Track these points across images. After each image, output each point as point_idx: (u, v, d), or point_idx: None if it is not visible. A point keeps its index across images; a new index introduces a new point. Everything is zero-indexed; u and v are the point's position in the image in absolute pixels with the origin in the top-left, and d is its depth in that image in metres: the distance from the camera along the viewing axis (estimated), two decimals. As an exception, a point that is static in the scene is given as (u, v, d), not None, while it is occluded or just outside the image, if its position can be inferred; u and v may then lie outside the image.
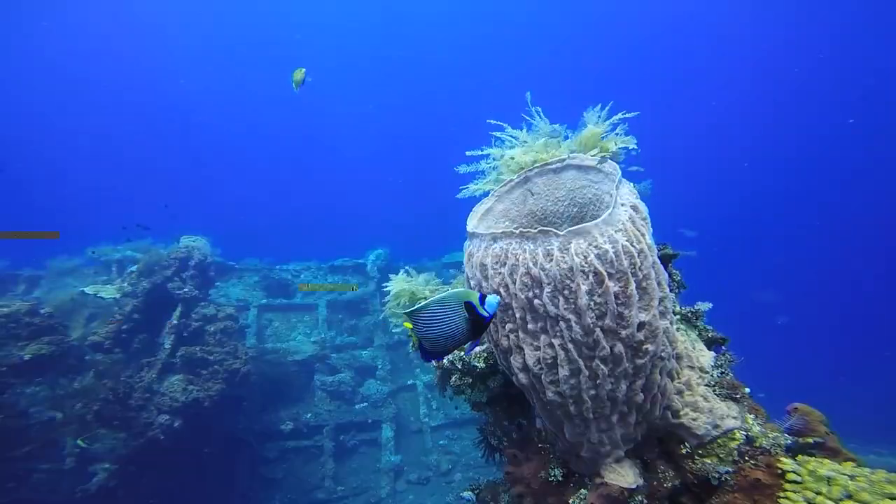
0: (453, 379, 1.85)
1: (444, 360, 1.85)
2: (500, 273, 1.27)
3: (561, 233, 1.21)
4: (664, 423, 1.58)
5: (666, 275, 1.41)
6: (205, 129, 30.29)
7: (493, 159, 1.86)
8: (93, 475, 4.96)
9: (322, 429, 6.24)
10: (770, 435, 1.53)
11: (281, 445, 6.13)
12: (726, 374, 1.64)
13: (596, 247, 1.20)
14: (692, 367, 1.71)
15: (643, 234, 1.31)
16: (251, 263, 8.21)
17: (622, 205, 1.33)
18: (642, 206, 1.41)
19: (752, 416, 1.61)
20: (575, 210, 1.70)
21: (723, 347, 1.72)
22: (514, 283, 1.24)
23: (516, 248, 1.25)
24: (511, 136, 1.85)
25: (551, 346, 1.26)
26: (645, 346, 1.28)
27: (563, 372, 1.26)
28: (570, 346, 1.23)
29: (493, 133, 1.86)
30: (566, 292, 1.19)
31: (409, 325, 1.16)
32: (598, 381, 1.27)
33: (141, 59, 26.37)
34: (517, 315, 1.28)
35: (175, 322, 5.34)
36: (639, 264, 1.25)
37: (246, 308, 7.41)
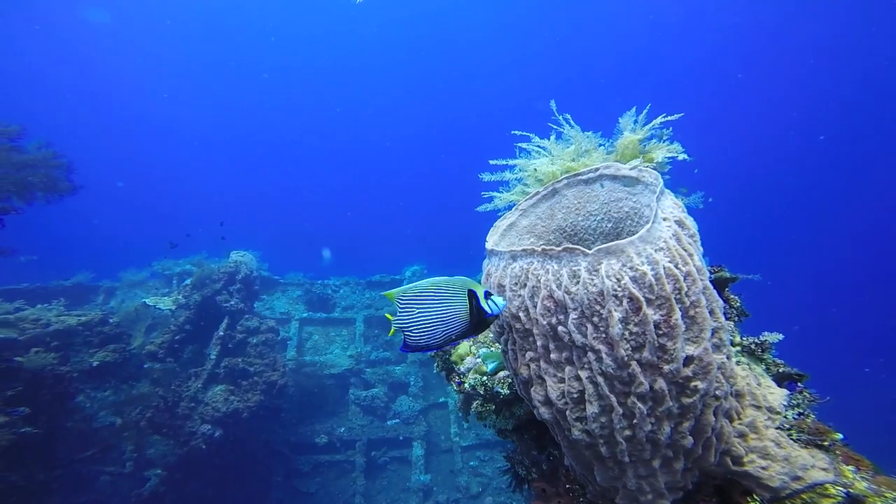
0: (475, 405, 1.72)
1: (465, 385, 1.72)
2: (519, 295, 1.14)
3: (589, 252, 1.07)
4: (723, 470, 1.34)
5: (721, 302, 1.21)
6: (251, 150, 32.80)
7: (520, 170, 1.75)
8: (147, 480, 5.25)
9: (355, 444, 6.24)
10: (889, 495, 1.23)
11: (315, 459, 6.19)
12: (806, 415, 1.36)
13: (631, 268, 1.05)
14: (757, 407, 1.45)
15: (691, 255, 1.13)
16: (294, 278, 8.55)
17: (664, 219, 1.17)
18: (690, 222, 1.23)
19: (850, 467, 1.31)
20: (609, 225, 1.54)
21: (799, 385, 1.45)
22: (535, 306, 1.11)
23: (538, 268, 1.12)
24: (538, 146, 1.73)
25: (578, 378, 1.11)
26: (693, 384, 1.09)
27: (592, 409, 1.10)
28: (600, 379, 1.07)
29: (519, 144, 1.75)
30: (595, 319, 1.05)
31: (390, 317, 1.06)
32: (635, 422, 1.10)
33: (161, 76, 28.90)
34: (538, 342, 1.14)
35: (221, 333, 5.62)
36: (685, 289, 1.07)
37: (288, 321, 7.69)
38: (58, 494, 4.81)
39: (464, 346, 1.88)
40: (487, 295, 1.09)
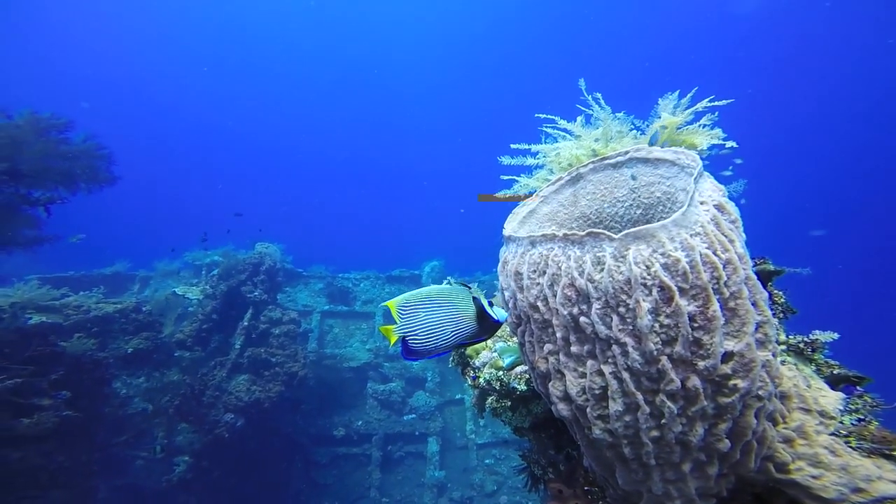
0: (489, 401, 1.65)
1: (480, 380, 1.65)
2: (537, 283, 1.07)
3: (616, 236, 0.98)
4: (764, 478, 1.23)
5: (766, 293, 1.09)
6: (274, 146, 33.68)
7: (543, 155, 1.66)
8: (176, 466, 5.46)
9: (371, 437, 6.29)
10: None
11: (332, 451, 6.28)
12: (868, 422, 1.22)
13: (663, 254, 0.95)
14: (807, 411, 1.32)
15: (732, 241, 1.02)
16: (317, 271, 8.69)
17: (702, 203, 1.06)
18: (731, 207, 1.11)
19: (929, 484, 1.15)
20: (639, 212, 1.43)
21: (857, 388, 1.30)
22: (555, 296, 1.03)
23: (559, 254, 1.04)
24: (564, 129, 1.63)
25: (600, 373, 1.02)
26: (733, 382, 0.99)
27: (616, 406, 1.01)
28: (626, 375, 0.98)
29: (544, 127, 1.66)
30: (621, 310, 0.96)
31: (387, 329, 1.04)
32: (664, 422, 1.00)
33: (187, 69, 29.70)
34: (558, 334, 1.06)
35: (245, 324, 5.76)
36: (724, 278, 0.97)
37: (310, 313, 7.82)
38: (97, 476, 5.04)
39: (480, 339, 1.81)
40: (490, 304, 1.10)
